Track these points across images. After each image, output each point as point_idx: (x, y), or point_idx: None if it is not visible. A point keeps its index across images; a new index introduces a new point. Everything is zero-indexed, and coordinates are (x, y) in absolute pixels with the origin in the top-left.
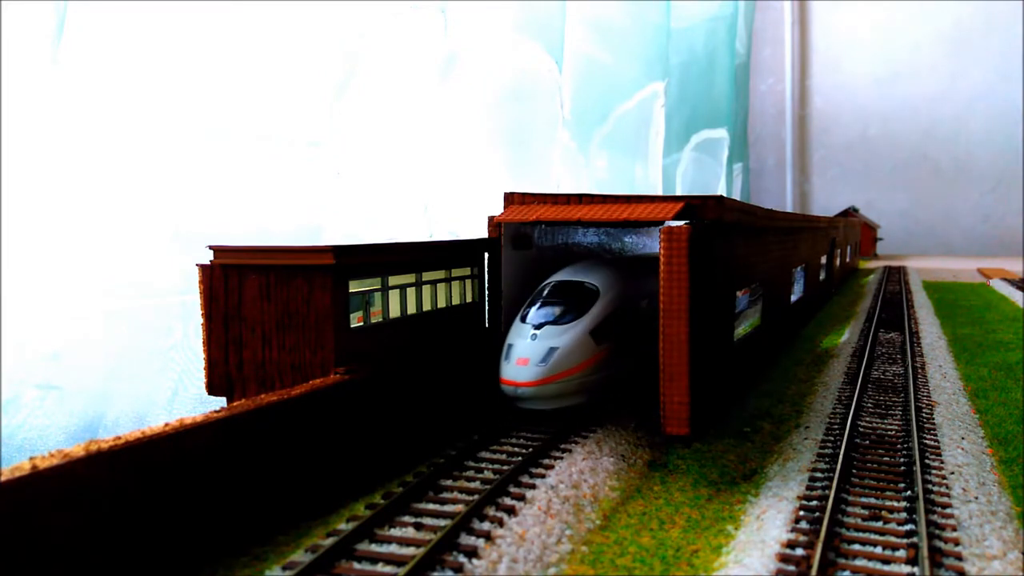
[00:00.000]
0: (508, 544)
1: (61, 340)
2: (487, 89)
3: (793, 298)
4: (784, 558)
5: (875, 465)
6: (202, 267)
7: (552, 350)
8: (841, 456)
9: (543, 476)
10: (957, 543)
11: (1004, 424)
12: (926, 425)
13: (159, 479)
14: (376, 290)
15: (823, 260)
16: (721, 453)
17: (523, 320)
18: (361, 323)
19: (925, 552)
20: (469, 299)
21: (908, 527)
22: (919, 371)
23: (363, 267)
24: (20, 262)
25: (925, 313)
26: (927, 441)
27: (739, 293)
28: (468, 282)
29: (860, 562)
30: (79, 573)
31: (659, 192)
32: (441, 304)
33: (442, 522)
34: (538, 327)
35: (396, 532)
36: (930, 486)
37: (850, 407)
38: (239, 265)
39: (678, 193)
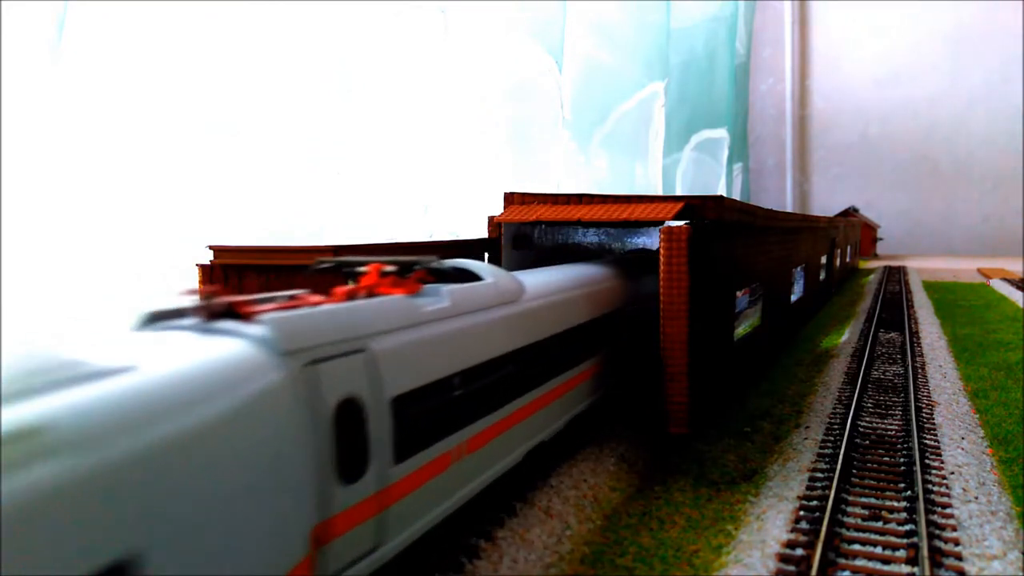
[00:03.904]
0: (509, 544)
1: (60, 339)
2: (487, 89)
3: (793, 298)
4: (784, 558)
5: (875, 465)
6: (202, 267)
7: None
8: (841, 456)
9: (544, 476)
10: (957, 543)
11: (1004, 424)
12: (926, 425)
13: None
14: None
15: (823, 260)
16: (721, 453)
17: None
18: None
19: (925, 552)
20: None
21: (908, 527)
22: (919, 371)
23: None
24: (19, 263)
25: (925, 313)
26: (927, 441)
27: (739, 293)
28: None
29: (860, 562)
30: None
31: (659, 192)
32: None
33: None
34: None
35: None
36: (930, 486)
37: (850, 407)
38: (239, 265)
39: (678, 193)
